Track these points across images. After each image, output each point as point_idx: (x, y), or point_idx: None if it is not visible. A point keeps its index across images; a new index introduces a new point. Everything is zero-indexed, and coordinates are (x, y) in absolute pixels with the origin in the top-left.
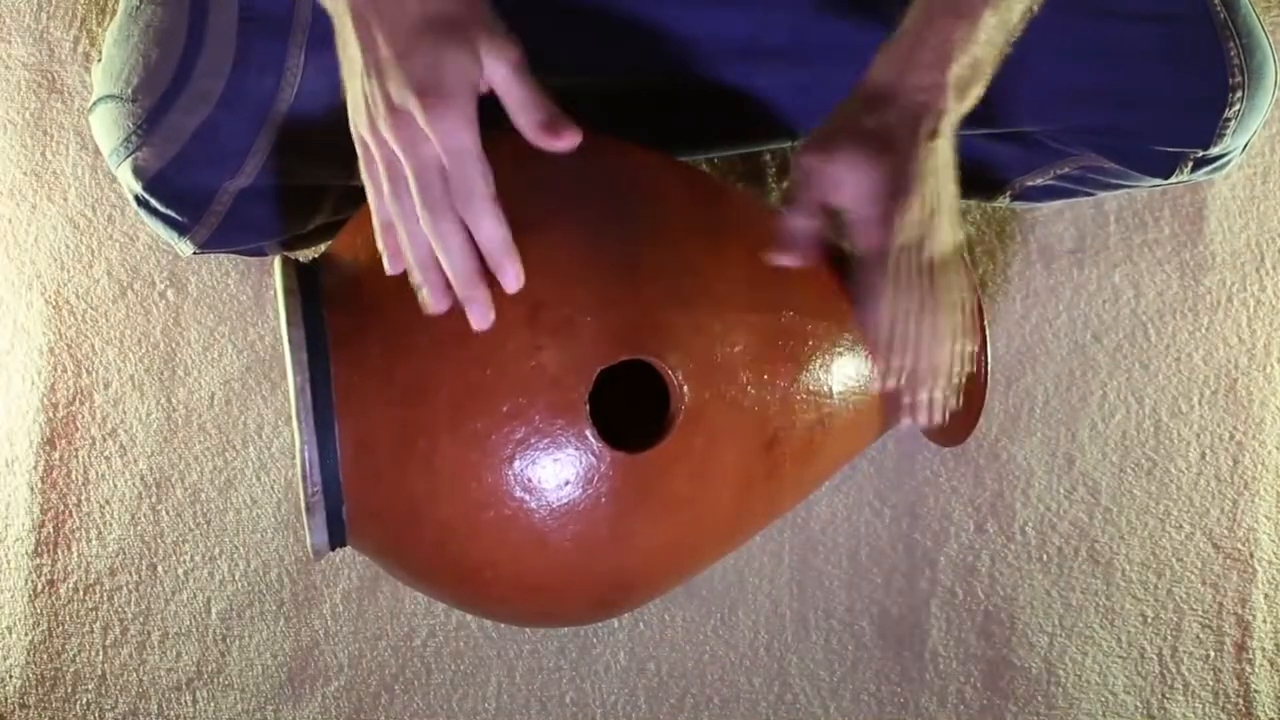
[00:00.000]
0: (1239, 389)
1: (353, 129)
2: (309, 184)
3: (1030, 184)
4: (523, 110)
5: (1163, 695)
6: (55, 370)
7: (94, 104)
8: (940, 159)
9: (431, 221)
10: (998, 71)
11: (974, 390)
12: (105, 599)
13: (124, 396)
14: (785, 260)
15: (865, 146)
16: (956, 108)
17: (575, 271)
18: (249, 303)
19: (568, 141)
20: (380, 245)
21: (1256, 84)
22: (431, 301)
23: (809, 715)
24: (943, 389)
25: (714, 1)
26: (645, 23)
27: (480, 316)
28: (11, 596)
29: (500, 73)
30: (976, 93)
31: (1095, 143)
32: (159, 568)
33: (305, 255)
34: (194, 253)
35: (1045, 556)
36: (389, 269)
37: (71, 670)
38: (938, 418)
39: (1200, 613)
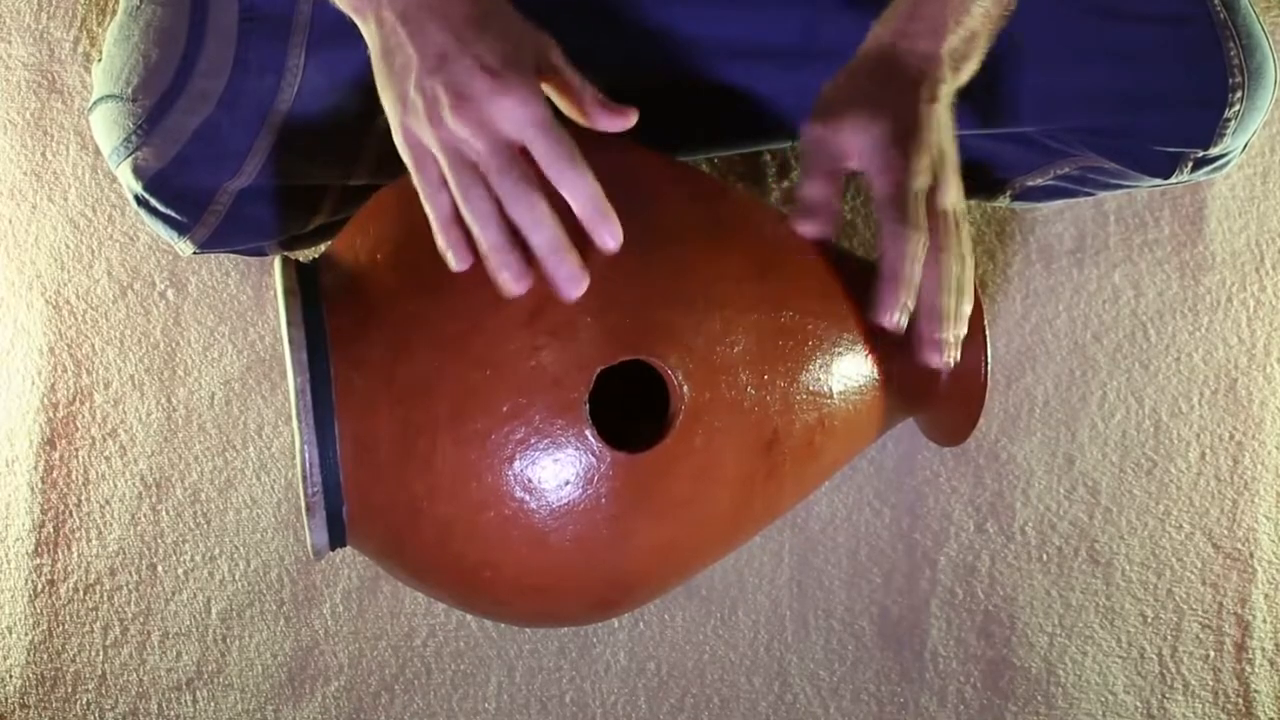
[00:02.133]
0: (1239, 389)
1: (403, 132)
2: (309, 184)
3: (1030, 184)
4: (580, 91)
5: (1163, 695)
6: (55, 370)
7: (94, 104)
8: (940, 118)
9: (517, 197)
10: (998, 72)
11: (974, 390)
12: (105, 599)
13: (124, 396)
14: (806, 229)
15: (868, 108)
16: (952, 79)
17: None
18: (249, 303)
19: (624, 121)
20: (442, 243)
21: (1256, 84)
22: (513, 283)
23: (809, 715)
24: (951, 332)
25: (714, 1)
26: (645, 22)
27: (579, 284)
28: (11, 596)
29: (550, 56)
30: (972, 65)
31: (1095, 143)
32: (159, 568)
33: (305, 255)
34: (194, 252)
35: (1045, 556)
36: (456, 264)
37: (71, 670)
38: (944, 359)
39: (1200, 613)
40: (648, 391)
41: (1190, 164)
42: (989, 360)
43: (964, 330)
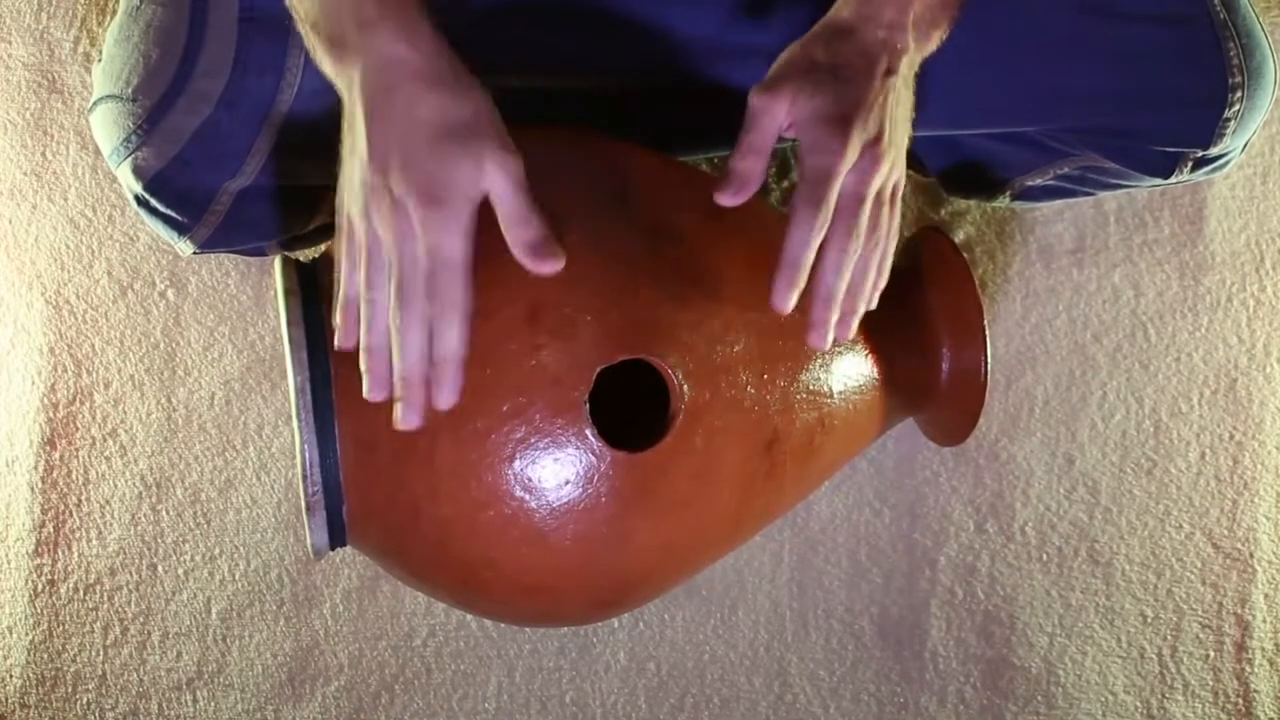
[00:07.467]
0: (1239, 389)
1: (340, 205)
2: (309, 184)
3: (1030, 184)
4: (513, 226)
5: (1163, 695)
6: (55, 370)
7: (94, 104)
8: (895, 97)
9: (402, 315)
10: (998, 71)
11: (974, 390)
12: (105, 599)
13: (124, 396)
14: (724, 199)
15: (812, 77)
16: (917, 48)
17: (575, 271)
18: (249, 303)
19: (549, 267)
20: (338, 319)
21: (1256, 84)
22: (372, 390)
23: (809, 715)
24: (843, 315)
25: (714, 2)
26: (644, 22)
27: (411, 420)
28: (12, 596)
29: (499, 185)
30: (939, 35)
31: (1095, 143)
32: (159, 567)
33: (305, 255)
34: (194, 252)
35: (1045, 556)
36: (339, 342)
37: (72, 670)
38: (824, 343)
39: (1200, 613)
40: (648, 391)
41: (1190, 164)
42: (989, 360)
43: (862, 309)
